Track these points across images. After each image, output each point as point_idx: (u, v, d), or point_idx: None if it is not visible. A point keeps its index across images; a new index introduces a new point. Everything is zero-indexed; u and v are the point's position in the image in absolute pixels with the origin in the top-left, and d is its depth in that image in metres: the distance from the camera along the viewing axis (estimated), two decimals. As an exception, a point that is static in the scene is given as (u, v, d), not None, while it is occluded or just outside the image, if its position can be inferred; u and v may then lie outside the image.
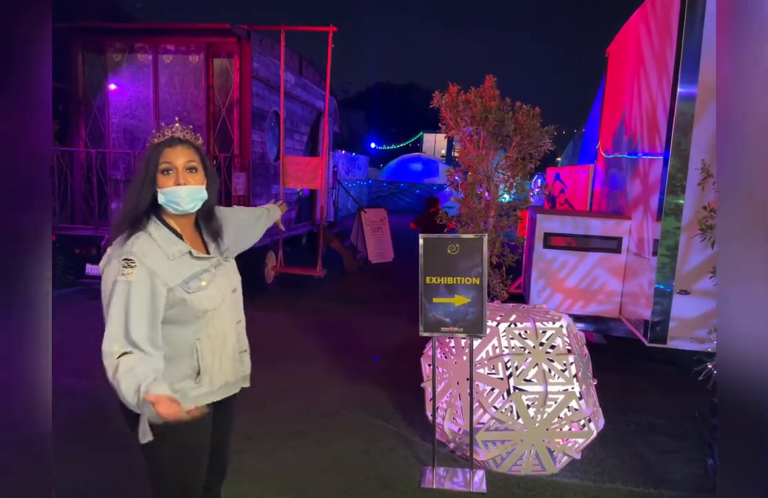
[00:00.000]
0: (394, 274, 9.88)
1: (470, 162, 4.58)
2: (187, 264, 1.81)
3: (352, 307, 7.39)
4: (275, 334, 6.04)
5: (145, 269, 1.70)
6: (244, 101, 7.20)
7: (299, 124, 9.30)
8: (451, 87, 4.46)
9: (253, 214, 2.46)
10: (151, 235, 1.77)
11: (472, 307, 3.10)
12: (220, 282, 1.91)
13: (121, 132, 7.47)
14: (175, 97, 7.31)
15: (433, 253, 3.13)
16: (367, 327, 6.49)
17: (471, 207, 4.59)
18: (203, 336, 1.84)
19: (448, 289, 3.10)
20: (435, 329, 3.14)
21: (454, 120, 4.42)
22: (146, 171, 1.82)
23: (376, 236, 11.04)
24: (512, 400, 3.23)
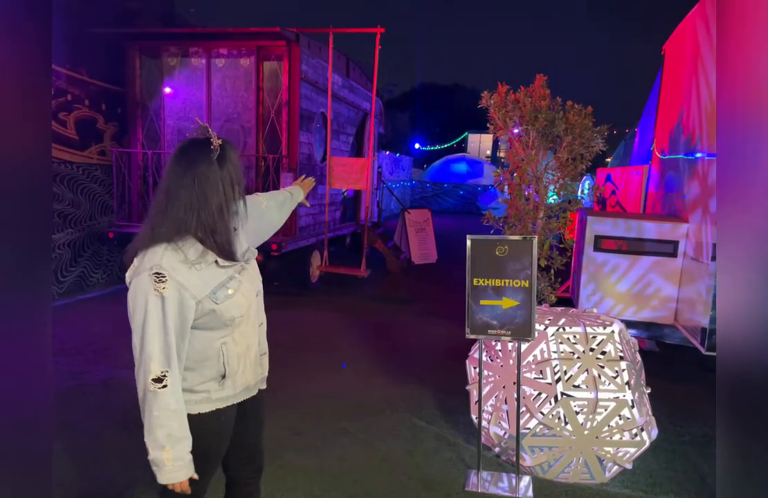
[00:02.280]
0: (437, 275, 9.84)
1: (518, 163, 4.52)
2: (213, 273, 1.74)
3: (396, 308, 7.41)
4: (319, 333, 6.13)
5: (175, 283, 1.65)
6: (293, 103, 7.34)
7: (345, 125, 9.40)
8: (500, 87, 4.41)
9: (275, 201, 2.38)
10: (177, 246, 1.70)
11: (520, 310, 3.06)
12: (246, 287, 1.86)
13: (175, 133, 7.76)
14: (227, 99, 7.53)
15: (481, 254, 3.10)
16: (410, 327, 6.49)
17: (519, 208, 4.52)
18: (229, 340, 1.81)
19: (496, 292, 3.07)
20: (482, 331, 3.11)
21: (502, 120, 4.37)
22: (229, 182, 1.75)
23: (420, 237, 11.02)
24: (560, 405, 3.16)
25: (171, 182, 1.71)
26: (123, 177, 7.85)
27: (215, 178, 1.72)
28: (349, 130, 9.63)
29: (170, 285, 1.64)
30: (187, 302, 1.67)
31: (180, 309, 1.66)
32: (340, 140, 9.21)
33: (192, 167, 1.70)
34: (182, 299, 1.66)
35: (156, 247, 1.68)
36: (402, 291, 8.51)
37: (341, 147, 9.27)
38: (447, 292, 8.40)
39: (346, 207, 10.11)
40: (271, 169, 7.34)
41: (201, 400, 1.79)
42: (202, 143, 1.75)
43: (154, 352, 1.61)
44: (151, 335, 1.61)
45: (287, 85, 7.29)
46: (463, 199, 25.45)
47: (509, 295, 3.08)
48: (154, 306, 1.62)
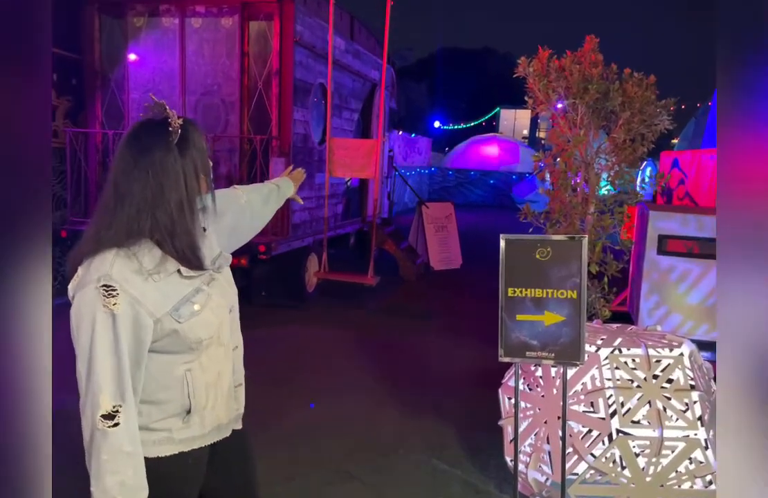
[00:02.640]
0: (462, 284, 9.82)
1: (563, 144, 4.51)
2: (174, 285, 1.73)
3: (411, 324, 7.41)
4: (317, 355, 6.14)
5: (128, 298, 1.63)
6: (285, 72, 7.38)
7: (349, 99, 9.43)
8: (540, 51, 4.40)
9: (258, 195, 2.38)
10: (131, 252, 1.68)
11: (566, 327, 3.04)
12: (216, 302, 1.84)
13: (141, 110, 7.81)
14: (205, 68, 7.59)
15: (518, 258, 3.09)
16: (429, 348, 6.48)
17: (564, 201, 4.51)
18: (195, 366, 1.79)
19: (536, 304, 3.05)
20: (518, 354, 3.10)
21: (544, 92, 4.36)
22: (193, 172, 1.76)
23: (440, 237, 11.02)
24: (616, 446, 3.14)
25: (120, 174, 1.70)
26: (78, 163, 7.92)
27: (174, 168, 1.71)
28: (353, 105, 9.66)
29: (122, 300, 1.62)
30: (142, 321, 1.65)
31: (134, 329, 1.65)
32: (343, 118, 9.24)
33: (145, 155, 1.69)
34: (137, 317, 1.64)
35: (104, 253, 1.66)
36: (418, 303, 8.50)
37: (344, 126, 9.30)
38: (474, 305, 8.38)
39: (350, 200, 10.14)
40: (259, 153, 7.38)
41: (161, 441, 1.77)
42: (157, 125, 1.73)
43: (103, 383, 1.60)
44: (100, 362, 1.60)
45: (278, 50, 7.33)
46: (494, 190, 25.44)
47: (553, 308, 3.06)
48: (103, 326, 1.60)
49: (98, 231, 1.69)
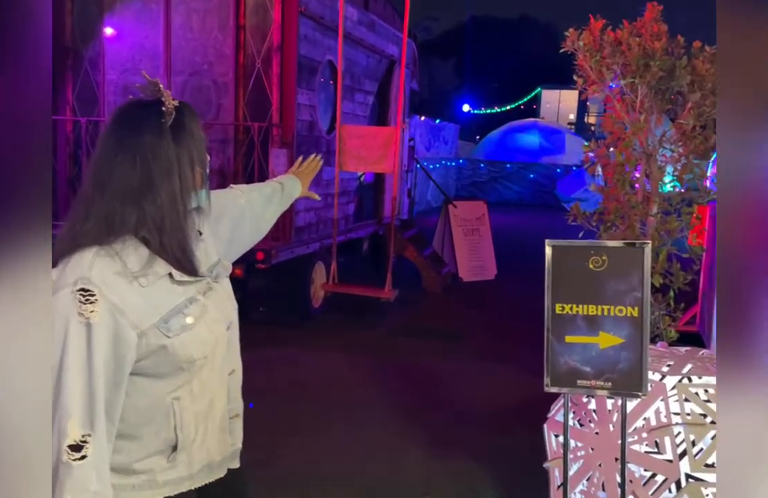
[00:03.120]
0: (498, 297, 9.79)
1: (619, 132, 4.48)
2: (164, 292, 1.73)
3: (436, 346, 7.40)
4: (326, 383, 6.15)
5: (108, 305, 1.62)
6: (288, 48, 7.42)
7: (363, 80, 9.46)
8: (592, 21, 4.39)
9: (260, 195, 2.40)
10: (113, 250, 1.68)
11: (625, 351, 3.02)
12: (213, 316, 1.85)
13: (119, 93, 7.92)
14: (193, 43, 7.65)
15: (567, 268, 3.07)
16: (458, 376, 6.47)
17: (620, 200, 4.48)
18: (184, 394, 1.79)
19: (589, 324, 3.03)
20: (568, 383, 3.07)
21: (596, 70, 4.34)
22: (188, 162, 1.77)
23: (471, 242, 11.00)
24: (686, 493, 3.10)
25: (102, 158, 1.72)
26: (46, 155, 8.02)
27: (167, 155, 1.72)
28: (368, 87, 9.69)
29: (101, 307, 1.61)
30: (123, 333, 1.65)
31: (114, 343, 1.64)
32: (356, 101, 9.27)
33: (133, 137, 1.70)
34: (117, 329, 1.64)
35: (83, 252, 1.66)
36: (445, 321, 8.49)
37: (357, 111, 9.33)
38: (512, 324, 8.35)
39: (364, 198, 10.16)
40: (257, 143, 7.42)
41: (141, 485, 1.76)
42: (149, 106, 1.75)
43: (72, 406, 1.58)
44: (70, 380, 1.59)
45: (279, 23, 7.38)
46: (535, 186, 25.39)
47: (609, 328, 3.04)
48: (76, 336, 1.60)
49: (74, 225, 1.70)
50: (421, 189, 19.18)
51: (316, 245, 8.21)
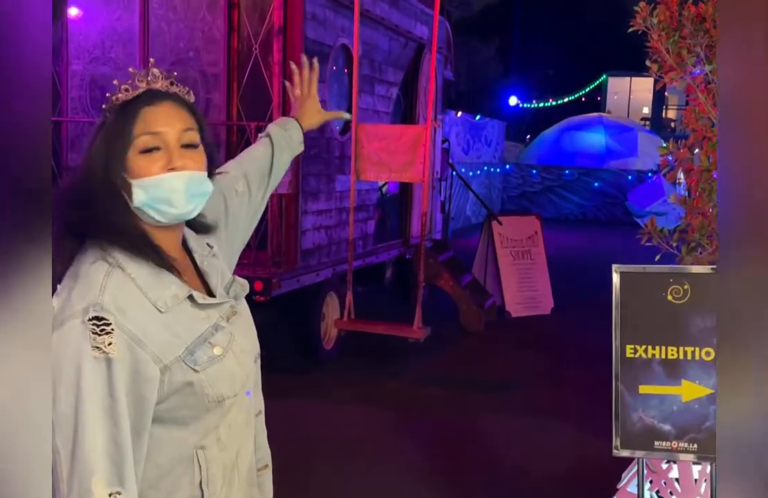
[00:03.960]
0: (554, 337, 9.75)
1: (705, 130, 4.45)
2: (187, 318, 1.79)
3: (478, 399, 7.38)
4: (339, 445, 6.15)
5: (125, 336, 1.66)
6: (292, 30, 7.48)
7: (385, 68, 9.50)
8: (668, -8, 4.37)
9: (253, 166, 2.41)
10: (124, 271, 1.74)
11: (714, 405, 2.98)
12: (240, 345, 1.90)
13: (86, 87, 8.03)
14: (176, 26, 7.74)
15: (640, 300, 3.06)
16: (505, 436, 6.45)
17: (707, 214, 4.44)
18: (210, 442, 1.82)
19: (669, 369, 3.01)
20: (643, 445, 3.05)
21: (674, 53, 4.32)
22: (109, 148, 1.84)
23: (521, 268, 10.96)
24: None
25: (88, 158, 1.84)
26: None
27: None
28: (391, 77, 9.73)
29: (119, 339, 1.64)
30: (144, 370, 1.67)
31: (135, 382, 1.66)
32: (377, 94, 9.31)
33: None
34: (138, 365, 1.66)
35: (91, 270, 1.72)
36: (489, 368, 8.47)
37: (378, 106, 9.37)
38: (572, 371, 8.30)
39: (386, 214, 10.18)
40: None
41: None
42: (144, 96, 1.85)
43: (95, 460, 1.60)
44: (90, 429, 1.60)
45: (281, 0, 7.44)
46: (601, 197, 25.30)
47: (694, 376, 3.01)
48: (93, 375, 1.61)
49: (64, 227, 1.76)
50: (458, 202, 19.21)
51: (328, 272, 8.22)
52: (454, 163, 15.34)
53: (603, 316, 3.40)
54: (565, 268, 13.31)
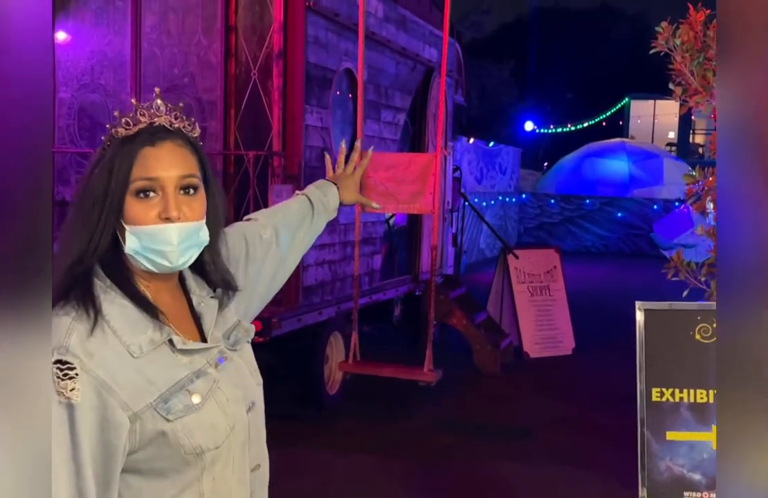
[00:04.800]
0: (575, 380, 9.71)
1: (734, 157, 4.45)
2: (164, 363, 1.79)
3: (494, 447, 7.35)
4: (342, 495, 6.08)
5: (92, 381, 1.67)
6: (293, 54, 7.53)
7: (392, 93, 9.55)
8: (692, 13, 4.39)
9: (286, 219, 2.45)
10: (100, 313, 1.75)
11: (748, 453, 2.96)
12: (227, 393, 1.88)
13: (74, 116, 8.08)
14: (170, 50, 7.80)
15: (665, 339, 3.05)
16: (522, 484, 6.41)
17: (737, 247, 4.43)
18: (191, 495, 1.82)
19: (699, 414, 3.00)
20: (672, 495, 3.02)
21: (700, 76, 4.33)
22: (106, 189, 1.83)
23: (539, 305, 10.95)
24: None
25: (82, 195, 1.82)
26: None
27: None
28: (398, 102, 9.77)
29: (84, 383, 1.65)
30: (112, 417, 1.67)
31: (101, 430, 1.67)
32: (383, 121, 9.35)
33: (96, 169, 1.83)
34: (105, 411, 1.67)
35: (60, 311, 1.72)
36: (505, 412, 8.43)
37: (384, 133, 9.40)
38: (595, 415, 8.26)
39: (394, 248, 10.19)
40: (252, 176, 7.48)
41: None
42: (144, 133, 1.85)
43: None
44: (53, 477, 1.60)
45: (282, 22, 7.50)
46: (624, 228, 25.28)
47: (725, 421, 2.99)
48: (56, 422, 1.62)
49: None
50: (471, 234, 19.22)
51: (332, 311, 8.21)
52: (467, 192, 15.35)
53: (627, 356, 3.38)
54: (586, 305, 13.29)
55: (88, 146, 7.97)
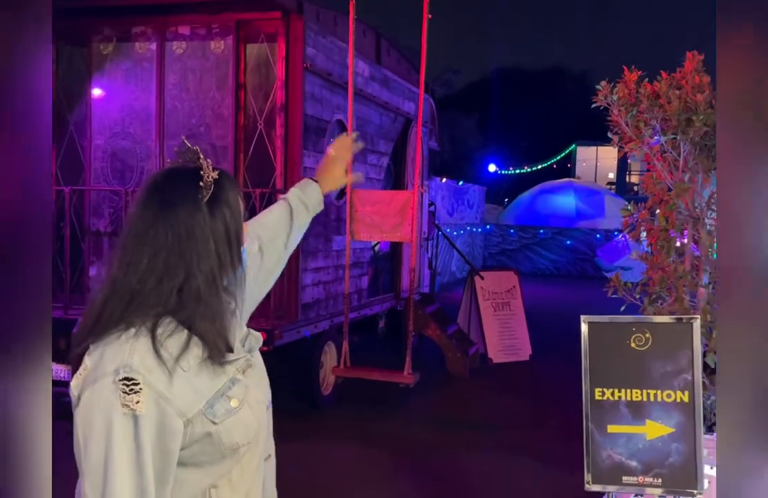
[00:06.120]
0: (532, 381, 9.71)
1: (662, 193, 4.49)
2: (208, 375, 1.77)
3: (463, 439, 7.33)
4: (336, 483, 6.10)
5: (153, 394, 1.66)
6: (293, 107, 7.55)
7: (377, 140, 9.58)
8: (627, 74, 4.44)
9: (270, 230, 2.41)
10: (152, 335, 1.71)
11: (676, 442, 2.98)
12: (254, 396, 1.89)
13: (107, 159, 8.07)
14: (189, 104, 7.82)
15: (606, 347, 3.06)
16: (486, 474, 6.40)
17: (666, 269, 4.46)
18: (223, 483, 1.82)
19: (634, 411, 3.01)
20: (612, 480, 3.03)
21: (633, 126, 4.38)
22: (224, 238, 1.82)
23: (501, 318, 10.95)
24: None
25: (134, 236, 1.75)
26: (26, 229, 8.14)
27: (204, 232, 1.76)
28: (382, 147, 9.81)
29: (147, 397, 1.64)
30: (170, 424, 1.67)
31: (160, 436, 1.66)
32: (369, 163, 9.38)
33: (168, 213, 1.73)
34: (163, 420, 1.66)
35: (122, 335, 1.70)
36: (473, 410, 8.42)
37: (371, 174, 9.43)
38: (548, 412, 8.27)
39: (379, 271, 10.19)
40: (258, 210, 7.47)
41: None
42: (185, 176, 1.80)
43: None
44: (118, 479, 1.60)
45: (283, 80, 7.53)
46: (572, 254, 25.34)
47: (657, 416, 3.01)
48: (122, 431, 1.61)
49: (105, 309, 1.72)
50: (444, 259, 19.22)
51: (326, 324, 8.20)
52: (440, 224, 15.37)
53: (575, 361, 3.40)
54: (541, 318, 13.30)
55: (119, 185, 7.95)
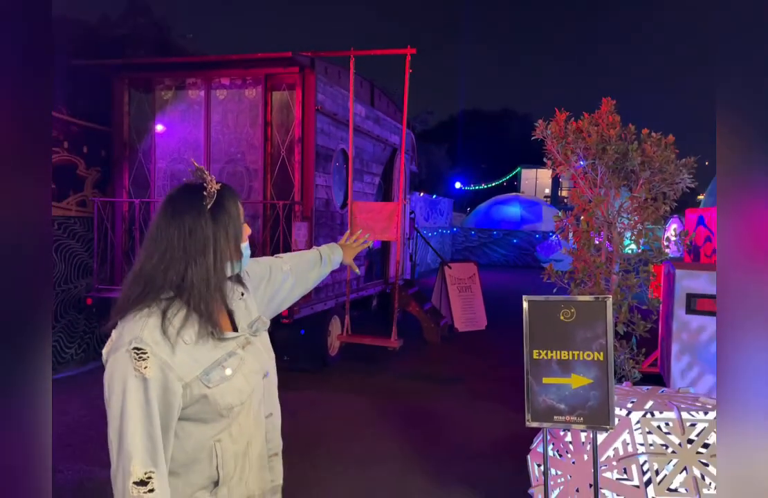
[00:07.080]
0: (487, 345, 9.72)
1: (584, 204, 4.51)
2: (207, 348, 1.74)
3: (436, 389, 7.33)
4: (341, 423, 6.08)
5: (158, 361, 1.64)
6: (307, 139, 7.54)
7: (370, 164, 9.57)
8: (558, 114, 4.46)
9: (301, 261, 2.40)
10: (162, 312, 1.70)
11: (594, 390, 2.99)
12: (249, 367, 1.84)
13: (167, 178, 8.02)
14: (228, 136, 7.79)
15: (541, 319, 3.06)
16: (455, 414, 6.39)
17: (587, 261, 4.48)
18: (225, 436, 1.78)
19: (562, 367, 3.01)
20: (546, 418, 3.04)
21: (563, 154, 4.40)
22: (224, 238, 1.79)
23: (464, 298, 10.97)
24: (651, 515, 3.03)
25: (152, 237, 1.76)
26: (105, 231, 8.10)
27: (203, 233, 1.75)
28: (374, 169, 9.80)
29: (153, 363, 1.63)
30: (171, 386, 1.65)
31: (164, 394, 1.65)
32: (365, 181, 9.36)
33: (176, 218, 1.75)
34: (166, 382, 1.65)
35: (136, 314, 1.69)
36: (443, 367, 8.42)
37: (366, 189, 9.41)
38: (500, 368, 8.26)
39: (373, 262, 10.17)
40: (281, 217, 7.48)
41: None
42: (193, 190, 1.79)
43: (135, 449, 1.59)
44: (131, 427, 1.59)
45: (300, 119, 7.51)
46: (518, 250, 25.37)
47: (579, 370, 3.01)
48: (134, 390, 1.61)
49: (129, 293, 1.73)
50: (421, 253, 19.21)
51: (333, 302, 8.19)
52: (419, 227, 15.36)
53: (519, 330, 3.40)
54: (494, 298, 13.33)
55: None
